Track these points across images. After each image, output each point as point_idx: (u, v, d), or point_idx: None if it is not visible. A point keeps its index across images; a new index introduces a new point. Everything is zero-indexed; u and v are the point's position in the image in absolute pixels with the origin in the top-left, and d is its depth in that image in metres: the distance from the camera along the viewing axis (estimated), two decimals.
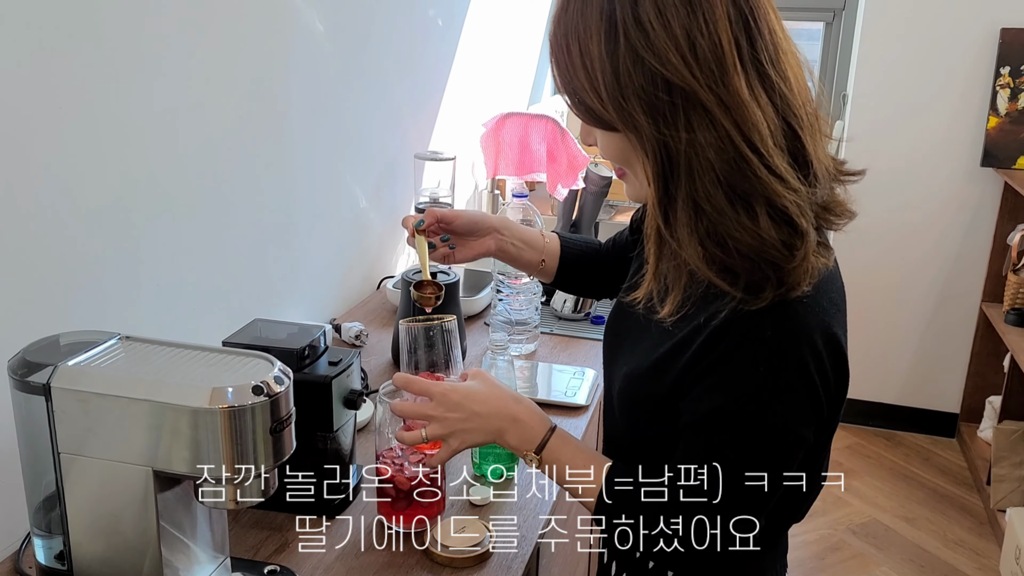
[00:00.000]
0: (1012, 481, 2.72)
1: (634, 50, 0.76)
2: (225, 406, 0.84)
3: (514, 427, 0.95)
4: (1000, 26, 2.89)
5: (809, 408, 0.82)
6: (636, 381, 0.91)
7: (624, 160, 0.85)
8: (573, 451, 0.94)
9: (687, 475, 0.85)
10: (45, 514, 0.93)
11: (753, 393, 0.80)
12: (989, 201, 3.05)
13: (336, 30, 1.72)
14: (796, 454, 0.84)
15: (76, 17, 1.10)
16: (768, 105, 0.78)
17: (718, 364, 0.81)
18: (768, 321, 0.79)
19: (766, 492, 0.84)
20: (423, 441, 0.97)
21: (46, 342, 0.93)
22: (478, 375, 0.99)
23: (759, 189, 0.77)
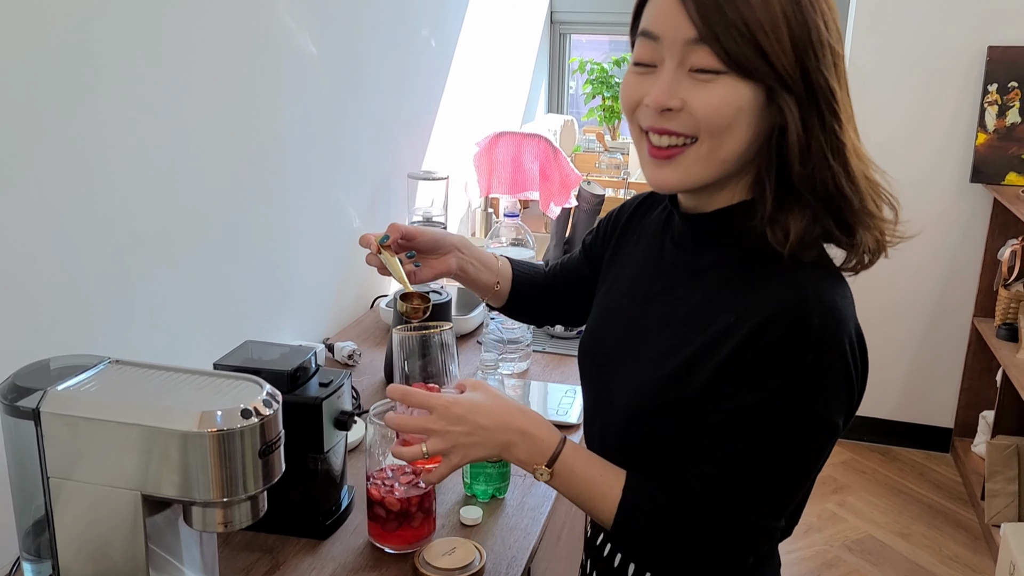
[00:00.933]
0: (1006, 496, 2.72)
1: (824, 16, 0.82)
2: (214, 429, 0.84)
3: (523, 440, 0.90)
4: (987, 44, 2.92)
5: (845, 397, 0.83)
6: (651, 392, 0.89)
7: (730, 116, 0.82)
8: (586, 464, 0.91)
9: (709, 484, 0.85)
10: (34, 538, 0.93)
11: (801, 381, 0.81)
12: (979, 217, 3.07)
13: (329, 52, 1.73)
14: (830, 445, 0.85)
15: (71, 45, 1.11)
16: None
17: (763, 356, 0.81)
18: (815, 311, 0.81)
19: (796, 487, 0.85)
20: (423, 456, 0.92)
21: (36, 366, 0.93)
22: (479, 386, 0.95)
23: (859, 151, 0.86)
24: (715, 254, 0.91)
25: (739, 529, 0.84)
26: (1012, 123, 2.94)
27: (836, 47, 0.83)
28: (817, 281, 0.84)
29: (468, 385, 0.96)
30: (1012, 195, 2.81)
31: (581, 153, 3.09)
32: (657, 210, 1.04)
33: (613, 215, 1.13)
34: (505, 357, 1.67)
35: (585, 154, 3.08)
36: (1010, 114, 2.94)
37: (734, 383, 0.83)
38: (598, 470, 0.91)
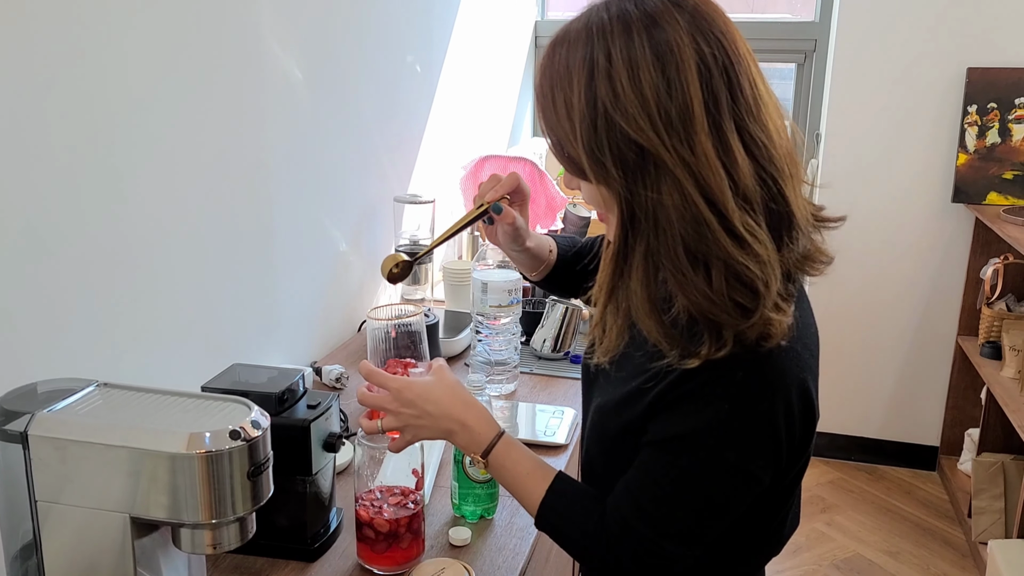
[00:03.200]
0: (992, 513, 2.74)
1: (606, 107, 0.78)
2: (203, 451, 0.85)
3: (463, 431, 1.00)
4: (966, 66, 2.97)
5: (770, 453, 0.84)
6: (607, 414, 0.93)
7: (602, 208, 0.86)
8: (517, 459, 0.99)
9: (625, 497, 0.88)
10: (22, 563, 0.92)
11: (714, 428, 0.82)
12: (961, 236, 3.10)
13: (315, 77, 1.75)
14: (745, 492, 0.85)
15: (53, 73, 1.12)
16: (746, 161, 0.78)
17: (688, 395, 0.83)
18: (742, 366, 0.80)
19: (706, 524, 0.86)
20: (379, 431, 1.03)
21: (24, 390, 0.93)
22: (438, 371, 1.04)
23: (716, 252, 0.78)
24: None
25: (644, 550, 0.87)
26: (992, 143, 2.98)
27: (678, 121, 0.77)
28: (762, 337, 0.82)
29: (432, 368, 1.05)
30: (993, 214, 2.85)
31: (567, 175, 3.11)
32: None
33: None
34: (493, 379, 1.68)
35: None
36: (990, 134, 2.99)
37: (665, 413, 0.85)
38: (526, 467, 0.98)
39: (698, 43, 0.78)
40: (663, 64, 0.77)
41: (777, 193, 0.80)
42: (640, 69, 0.77)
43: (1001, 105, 2.96)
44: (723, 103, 0.78)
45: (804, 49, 3.24)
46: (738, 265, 0.78)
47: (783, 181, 0.81)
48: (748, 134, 0.79)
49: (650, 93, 0.77)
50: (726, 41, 0.79)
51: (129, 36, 1.23)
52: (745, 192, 0.78)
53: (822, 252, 0.88)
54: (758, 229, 0.79)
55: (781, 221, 0.81)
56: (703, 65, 0.77)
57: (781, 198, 0.81)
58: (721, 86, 0.78)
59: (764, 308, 0.78)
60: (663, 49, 0.77)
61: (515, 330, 1.70)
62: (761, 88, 0.81)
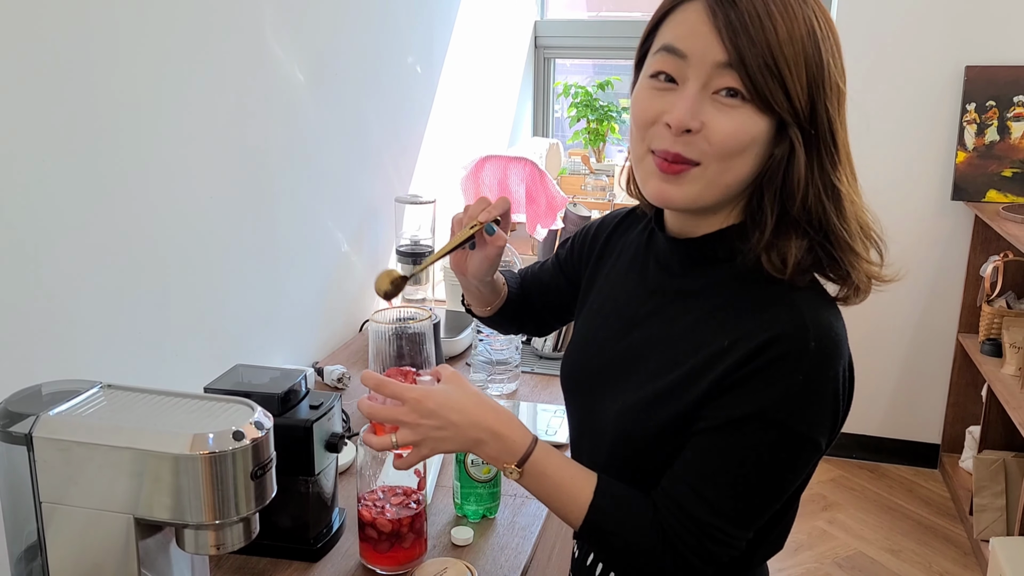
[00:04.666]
0: (994, 511, 2.74)
1: (833, 55, 0.83)
2: (206, 452, 0.85)
3: (493, 439, 0.90)
4: (965, 64, 2.97)
5: (830, 420, 0.85)
6: (641, 414, 0.90)
7: (739, 148, 0.83)
8: (558, 466, 0.91)
9: (682, 488, 0.86)
10: (27, 564, 0.93)
11: (789, 399, 0.82)
12: (961, 234, 3.11)
13: (315, 79, 1.76)
14: (809, 463, 0.86)
15: (64, 66, 1.12)
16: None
17: (757, 372, 0.82)
18: (813, 334, 0.82)
19: (769, 502, 0.86)
20: (392, 447, 0.92)
21: (28, 392, 0.94)
22: (454, 378, 0.94)
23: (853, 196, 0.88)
24: (705, 278, 0.91)
25: (706, 536, 0.85)
26: (991, 141, 2.99)
27: (842, 87, 0.85)
28: (815, 306, 0.85)
29: (444, 376, 0.95)
30: (993, 212, 2.86)
31: (567, 175, 3.12)
32: (637, 229, 1.04)
33: (591, 230, 1.12)
34: (494, 378, 1.68)
35: (571, 176, 3.11)
36: (988, 132, 2.99)
37: (725, 396, 0.84)
38: (569, 472, 0.91)
39: None
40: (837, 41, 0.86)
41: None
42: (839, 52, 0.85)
43: (1000, 103, 2.96)
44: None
45: None
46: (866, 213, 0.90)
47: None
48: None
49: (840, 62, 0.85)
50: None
51: (134, 40, 1.24)
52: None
53: None
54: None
55: None
56: None
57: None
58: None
59: (874, 263, 0.88)
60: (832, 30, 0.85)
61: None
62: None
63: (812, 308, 0.85)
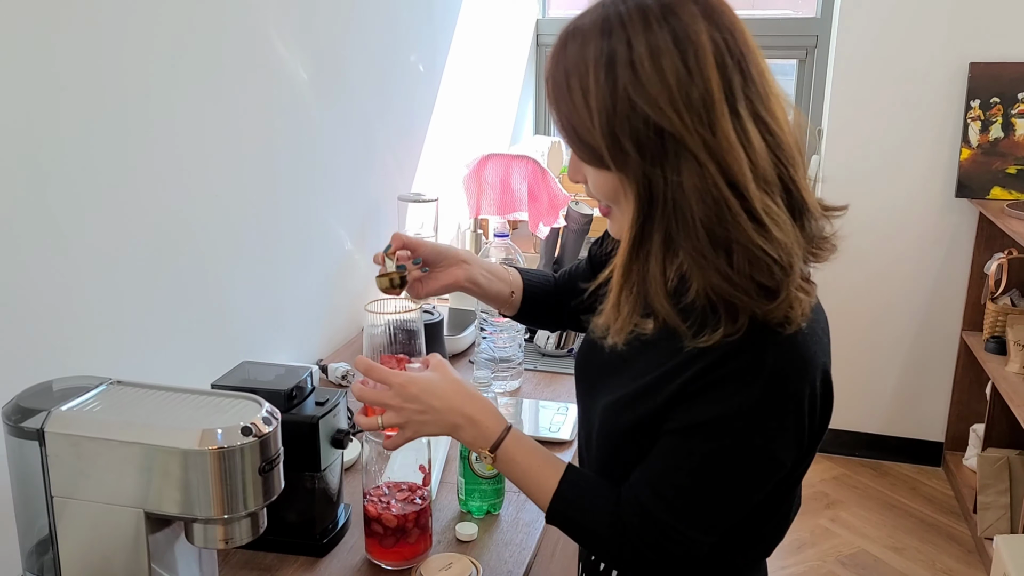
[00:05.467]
0: (998, 509, 2.74)
1: (627, 92, 0.80)
2: (215, 447, 0.86)
3: (469, 425, 0.97)
4: (969, 60, 2.97)
5: (793, 437, 0.85)
6: (619, 410, 0.93)
7: (613, 197, 0.87)
8: (527, 451, 0.97)
9: (643, 486, 0.89)
10: (38, 558, 0.94)
11: (743, 412, 0.83)
12: (965, 231, 3.10)
13: (318, 77, 1.77)
14: (769, 477, 0.87)
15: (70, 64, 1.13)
16: (762, 146, 0.81)
17: (715, 382, 0.84)
18: (770, 350, 0.82)
19: (727, 510, 0.87)
20: (379, 427, 1.00)
21: (39, 388, 0.95)
22: (440, 366, 1.01)
23: (737, 234, 0.79)
24: None
25: (664, 535, 0.88)
26: (995, 138, 2.99)
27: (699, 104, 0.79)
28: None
29: (431, 364, 1.02)
30: (997, 209, 2.85)
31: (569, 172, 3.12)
32: None
33: None
34: (497, 376, 1.69)
35: None
36: (993, 129, 2.99)
37: (689, 401, 0.86)
38: (538, 460, 0.97)
39: (712, 32, 0.81)
40: (683, 51, 0.80)
41: (790, 179, 0.83)
42: (662, 55, 0.79)
43: (1004, 100, 2.96)
44: (738, 89, 0.81)
45: (806, 45, 3.25)
46: (758, 248, 0.79)
47: (794, 168, 0.83)
48: (762, 121, 0.82)
49: (671, 77, 0.79)
50: (736, 32, 0.83)
51: (140, 39, 1.25)
52: (764, 175, 0.81)
53: (828, 239, 0.90)
54: (778, 211, 0.81)
55: (795, 205, 0.84)
56: (718, 52, 0.81)
57: (794, 183, 0.83)
58: (736, 73, 0.81)
59: (790, 289, 0.81)
60: (682, 36, 0.80)
61: (519, 327, 1.72)
62: (769, 79, 0.84)
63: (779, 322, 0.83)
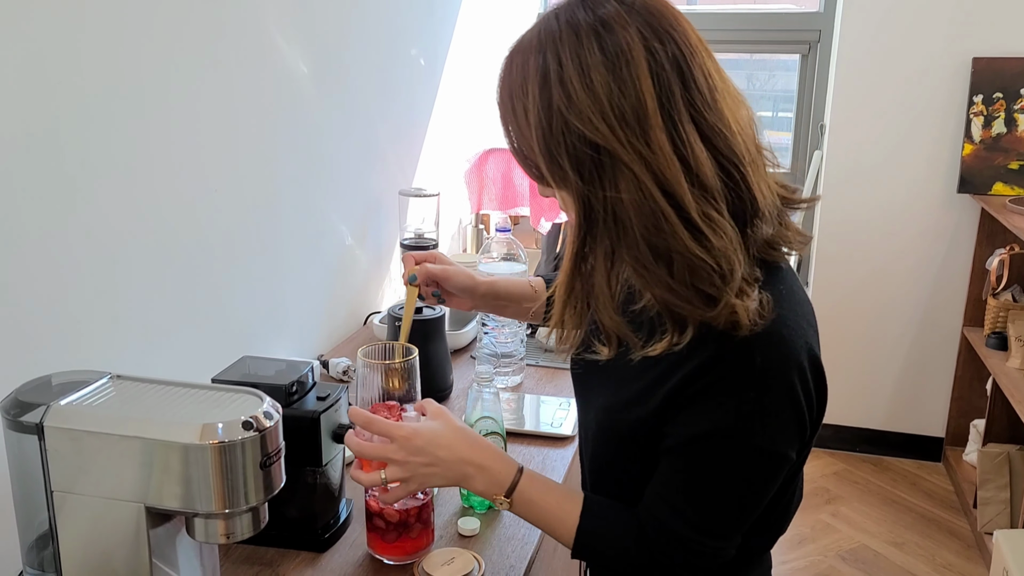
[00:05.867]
0: (998, 504, 2.74)
1: (560, 110, 0.80)
2: (215, 441, 0.86)
3: (479, 473, 0.95)
4: (972, 55, 2.96)
5: (795, 429, 0.85)
6: (616, 413, 0.93)
7: (566, 211, 0.88)
8: (544, 491, 0.95)
9: (661, 505, 0.88)
10: (38, 552, 0.94)
11: (743, 417, 0.82)
12: (967, 227, 3.10)
13: (319, 71, 1.76)
14: (779, 473, 0.87)
15: (61, 65, 1.13)
16: (703, 151, 0.79)
17: (707, 390, 0.83)
18: (757, 349, 0.81)
19: (746, 513, 0.87)
20: (382, 483, 0.97)
21: (38, 382, 0.95)
22: (440, 414, 0.99)
23: (675, 244, 0.79)
24: None
25: (690, 551, 0.88)
26: (998, 133, 2.98)
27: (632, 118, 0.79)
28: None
29: (429, 411, 1.00)
30: (999, 205, 2.85)
31: None
32: None
33: None
34: (499, 371, 1.68)
35: None
36: (995, 124, 2.98)
37: (684, 412, 0.85)
38: (555, 497, 0.95)
39: (648, 40, 0.80)
40: (613, 64, 0.79)
41: (740, 180, 0.81)
42: (591, 70, 0.79)
43: (1007, 95, 2.96)
44: (677, 96, 0.79)
45: (808, 40, 3.24)
46: (696, 257, 0.79)
47: (744, 168, 0.82)
48: (705, 123, 0.80)
49: (602, 92, 0.79)
50: (677, 35, 0.81)
51: (139, 32, 1.24)
52: (703, 181, 0.79)
53: (795, 232, 0.89)
54: (719, 218, 0.80)
55: (744, 208, 0.82)
56: (654, 61, 0.79)
57: (744, 185, 0.82)
58: (674, 80, 0.80)
59: (728, 296, 0.80)
60: (613, 50, 0.79)
61: (521, 323, 1.71)
62: (716, 78, 0.82)
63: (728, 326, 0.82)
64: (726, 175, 0.81)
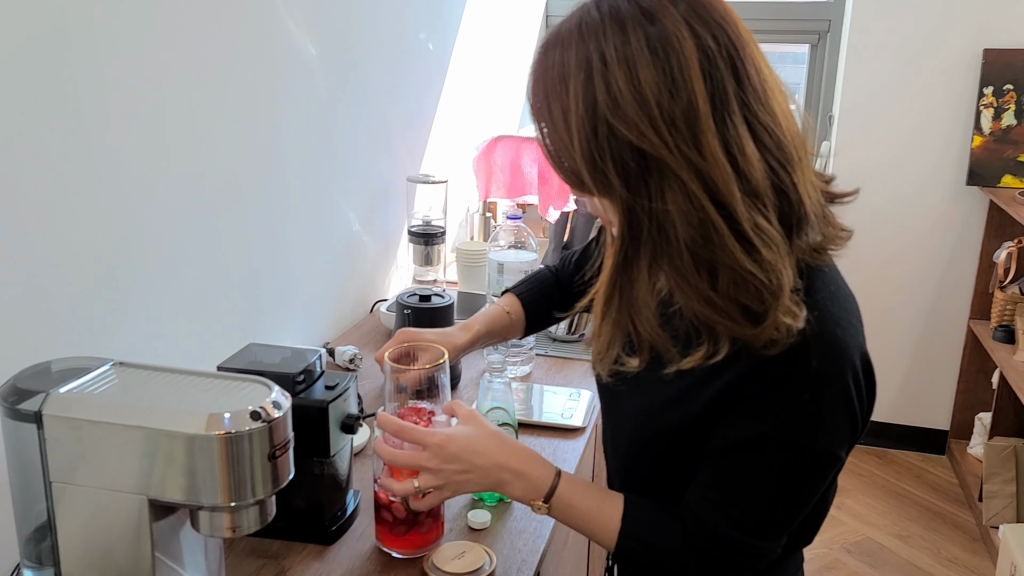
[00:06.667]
0: (1004, 497, 2.72)
1: (606, 115, 0.74)
2: (222, 432, 0.83)
3: (517, 479, 0.92)
4: (983, 47, 2.93)
5: (848, 430, 0.82)
6: (655, 415, 0.89)
7: (609, 219, 0.83)
8: (583, 494, 0.92)
9: (708, 507, 0.85)
10: (36, 545, 0.90)
11: (799, 420, 0.79)
12: (975, 219, 3.07)
13: (328, 54, 1.72)
14: (830, 474, 0.84)
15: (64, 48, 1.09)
16: (755, 153, 0.75)
17: (761, 393, 0.80)
18: (814, 351, 0.78)
19: (795, 514, 0.85)
20: (415, 492, 0.93)
21: (37, 369, 0.91)
22: (471, 418, 0.95)
23: (723, 257, 0.75)
24: None
25: (738, 552, 0.85)
26: (1008, 125, 2.95)
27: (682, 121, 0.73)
28: (817, 315, 0.79)
29: (460, 415, 0.96)
30: (1008, 197, 2.82)
31: None
32: None
33: None
34: (508, 360, 1.65)
35: None
36: (1005, 116, 2.95)
37: (734, 412, 0.82)
38: (595, 500, 0.92)
39: (698, 33, 0.74)
40: (663, 61, 0.73)
41: (788, 182, 0.77)
42: (638, 68, 0.73)
43: (1017, 87, 2.92)
44: (730, 94, 0.74)
45: (818, 30, 3.20)
46: (745, 270, 0.75)
47: (792, 167, 0.77)
48: (758, 122, 0.75)
49: (651, 94, 0.73)
50: (728, 26, 0.76)
51: (143, 14, 1.20)
52: (754, 187, 0.75)
53: (837, 229, 0.85)
54: (769, 228, 0.75)
55: (792, 213, 0.78)
56: (705, 57, 0.73)
57: (792, 187, 0.77)
58: (728, 76, 0.74)
59: (777, 312, 0.76)
60: (661, 44, 0.73)
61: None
62: (766, 72, 0.77)
63: (814, 319, 0.78)
64: (776, 178, 0.76)
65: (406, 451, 0.95)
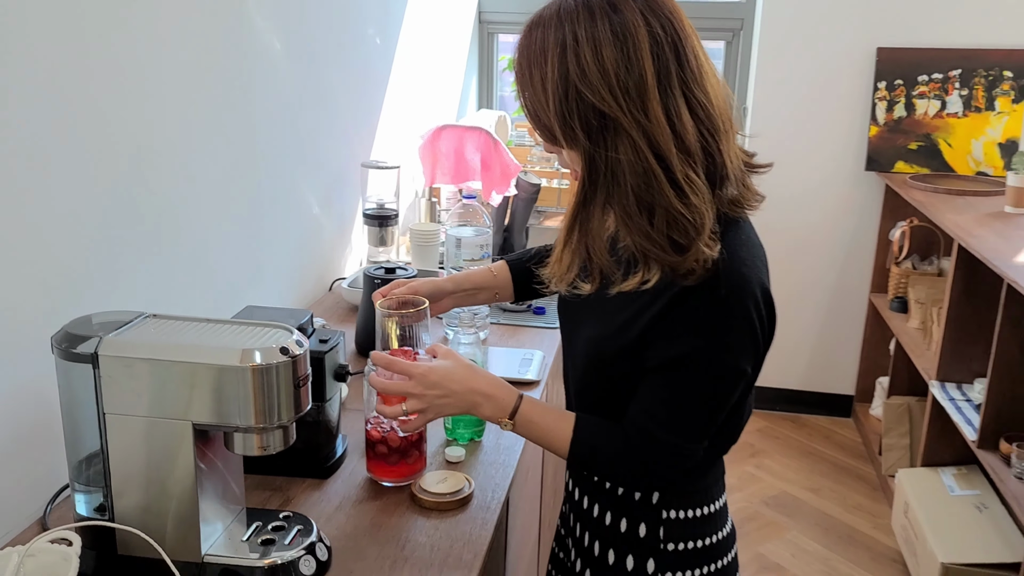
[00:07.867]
0: (899, 449, 3.03)
1: (575, 82, 0.95)
2: (254, 364, 0.98)
3: (487, 401, 1.10)
4: (876, 45, 3.23)
5: (751, 348, 1.02)
6: (603, 342, 1.08)
7: (574, 169, 1.04)
8: (541, 413, 1.11)
9: (644, 417, 1.04)
10: (84, 470, 1.04)
11: (712, 339, 1.00)
12: (873, 202, 3.38)
13: (292, 48, 1.86)
14: (740, 385, 1.04)
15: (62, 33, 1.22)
16: (690, 121, 0.96)
17: (682, 317, 1.00)
18: (723, 283, 0.98)
19: (713, 419, 1.05)
20: (404, 415, 1.12)
21: (81, 320, 1.05)
22: (449, 355, 1.14)
23: (660, 199, 0.95)
24: None
25: (668, 451, 1.05)
26: (899, 116, 3.26)
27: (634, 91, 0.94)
28: (728, 255, 0.98)
29: (439, 352, 1.15)
30: (901, 181, 3.12)
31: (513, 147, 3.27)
32: None
33: None
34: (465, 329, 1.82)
35: (517, 148, 3.26)
36: (897, 108, 3.26)
37: (663, 337, 1.02)
38: (552, 418, 1.11)
39: (650, 23, 0.96)
40: (622, 42, 0.94)
41: (714, 147, 0.99)
42: (603, 47, 0.95)
43: (906, 82, 3.23)
44: (672, 73, 0.96)
45: (732, 28, 3.46)
46: (677, 211, 0.95)
47: (719, 136, 0.99)
48: (693, 98, 0.97)
49: (611, 67, 0.94)
50: (675, 20, 0.98)
51: (122, 7, 1.33)
52: (688, 148, 0.96)
53: (753, 193, 1.07)
54: (697, 180, 0.97)
55: (716, 171, 1.00)
56: (655, 42, 0.95)
57: (717, 151, 0.99)
58: (671, 59, 0.96)
59: (697, 246, 0.97)
60: (622, 30, 0.95)
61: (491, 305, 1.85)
62: (703, 59, 1.00)
63: (723, 257, 0.97)
64: (705, 142, 0.97)
65: (395, 381, 1.12)
